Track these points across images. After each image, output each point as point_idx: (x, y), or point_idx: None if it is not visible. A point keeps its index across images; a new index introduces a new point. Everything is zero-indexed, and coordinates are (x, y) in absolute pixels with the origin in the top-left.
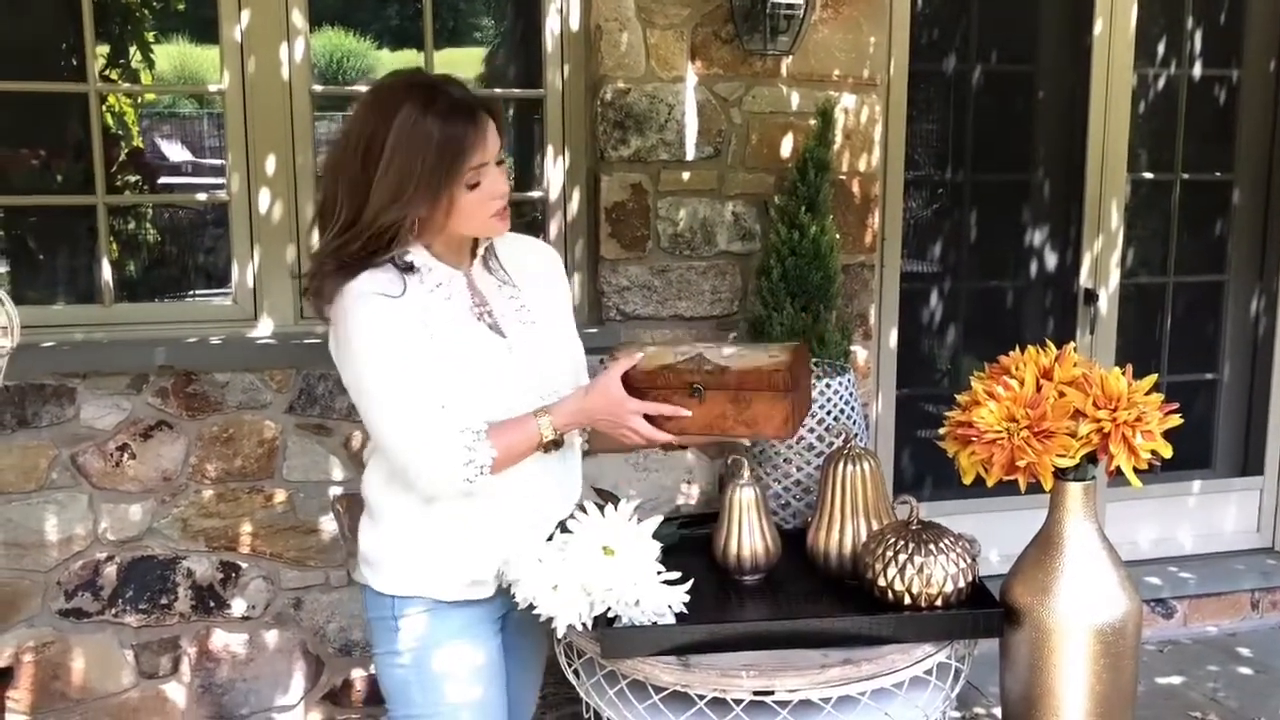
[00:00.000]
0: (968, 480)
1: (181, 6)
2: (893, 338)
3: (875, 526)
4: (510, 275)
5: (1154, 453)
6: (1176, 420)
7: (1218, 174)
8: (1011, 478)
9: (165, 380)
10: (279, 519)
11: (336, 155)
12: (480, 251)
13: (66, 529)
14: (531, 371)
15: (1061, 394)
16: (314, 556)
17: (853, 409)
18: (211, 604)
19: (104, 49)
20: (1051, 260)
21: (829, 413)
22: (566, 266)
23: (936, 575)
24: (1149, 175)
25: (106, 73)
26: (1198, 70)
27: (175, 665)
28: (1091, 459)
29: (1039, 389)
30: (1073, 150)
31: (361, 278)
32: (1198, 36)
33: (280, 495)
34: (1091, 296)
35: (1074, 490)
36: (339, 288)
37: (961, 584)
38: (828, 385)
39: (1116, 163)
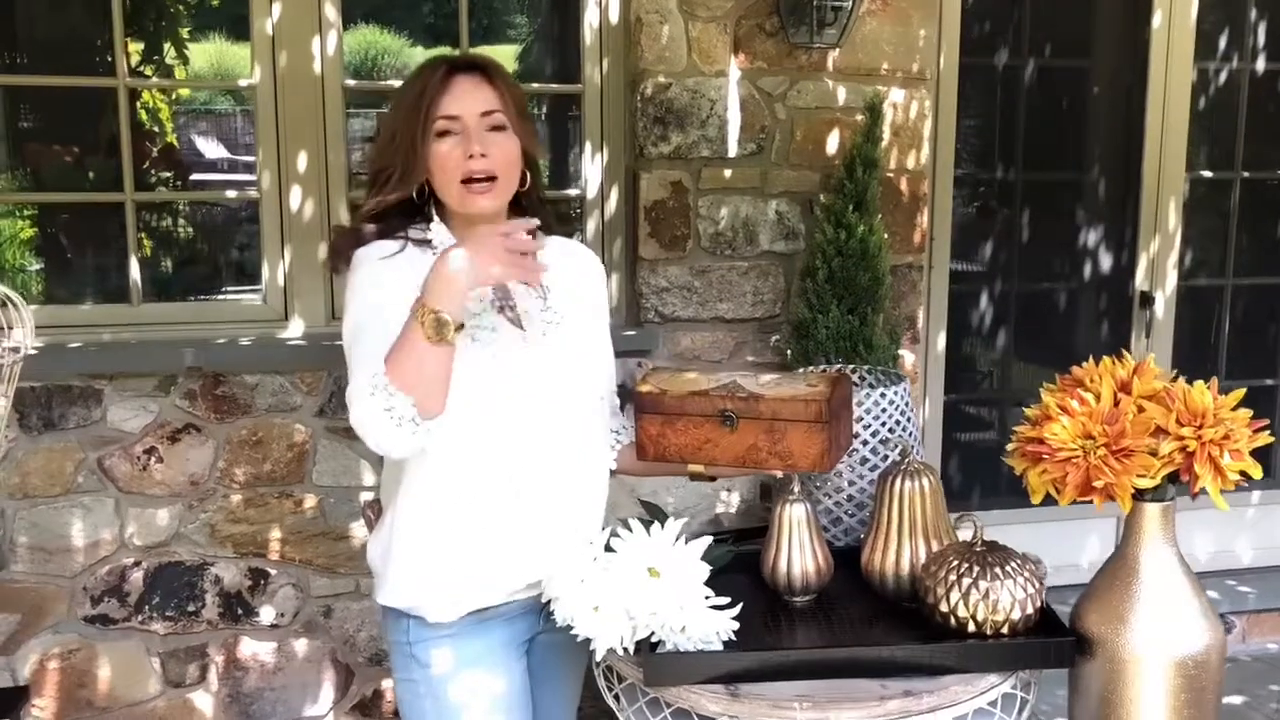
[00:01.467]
0: (1036, 500)
1: (217, 3)
2: (941, 341)
3: (935, 547)
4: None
5: (1242, 473)
6: (1267, 438)
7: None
8: (1086, 499)
9: (193, 382)
10: (309, 525)
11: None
12: None
13: (93, 534)
14: (552, 370)
15: (1141, 409)
16: (344, 563)
17: (908, 420)
18: (239, 611)
19: (138, 46)
20: (1106, 262)
21: (883, 424)
22: (604, 266)
23: (1003, 601)
24: (1207, 174)
25: (141, 69)
26: (1260, 64)
27: (203, 674)
28: (1171, 478)
29: (1116, 403)
30: (1129, 148)
31: (373, 245)
32: (1261, 29)
33: (310, 500)
34: (1148, 299)
35: (1152, 512)
36: (352, 249)
37: (1030, 610)
38: (882, 395)
39: (1175, 160)
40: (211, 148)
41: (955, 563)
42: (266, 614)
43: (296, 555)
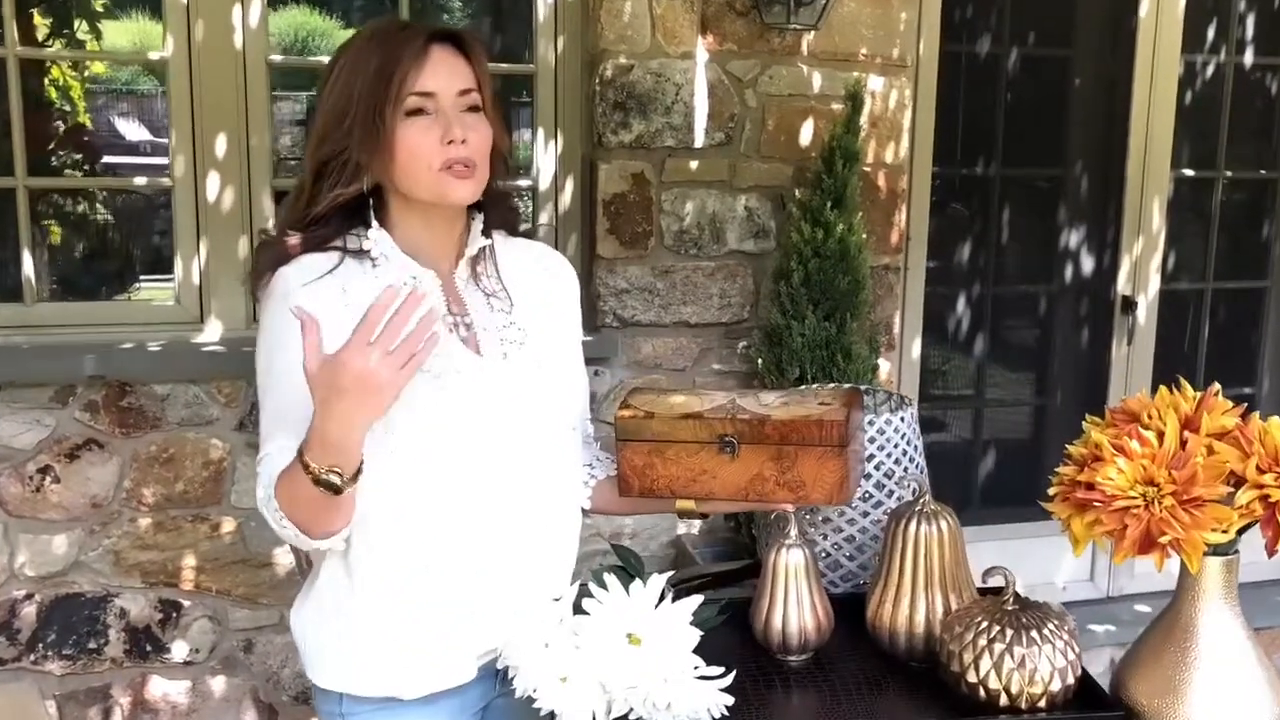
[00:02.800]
0: (1078, 554)
1: None
2: (916, 348)
3: (954, 601)
4: (506, 287)
5: None
6: None
7: (1262, 171)
8: (1145, 556)
9: (95, 392)
10: (226, 551)
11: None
12: (468, 253)
13: None
14: (514, 398)
15: (1211, 450)
16: (267, 593)
17: (915, 450)
18: (148, 648)
19: (47, 20)
20: (1087, 264)
21: (889, 454)
22: None
23: (1042, 669)
24: (1190, 172)
25: (49, 44)
26: (1249, 57)
27: (106, 718)
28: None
29: (1183, 444)
30: (1112, 144)
31: (297, 264)
32: (1250, 20)
33: (228, 524)
34: (1130, 304)
35: (1213, 567)
36: (273, 268)
37: (1070, 679)
38: (887, 422)
39: (1160, 158)
40: (134, 130)
41: (984, 624)
42: (179, 650)
43: (213, 585)
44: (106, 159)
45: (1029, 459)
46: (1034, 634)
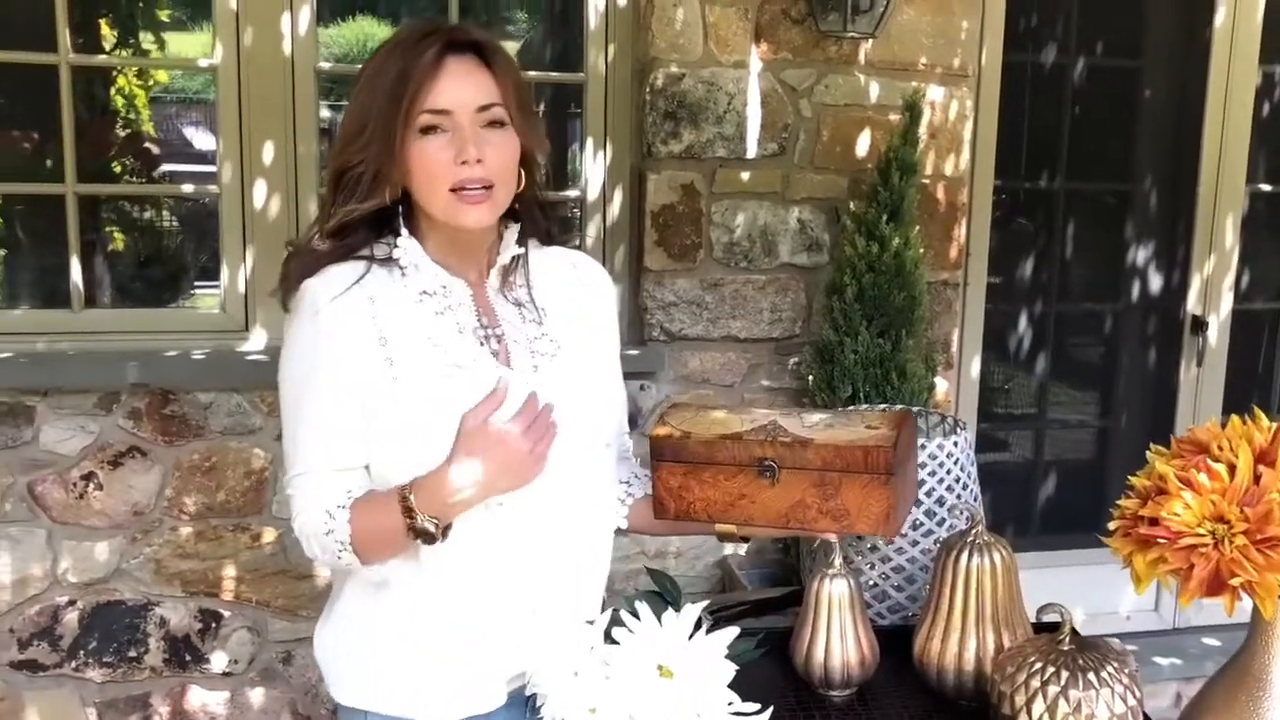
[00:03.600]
0: (1140, 592)
1: None
2: (975, 366)
3: (1006, 638)
4: (536, 296)
5: None
6: None
7: None
8: (1214, 598)
9: (139, 400)
10: (267, 562)
11: None
12: (499, 261)
13: (21, 569)
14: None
15: None
16: (307, 605)
17: (969, 477)
18: (188, 657)
19: (113, 30)
20: (1155, 281)
21: (941, 481)
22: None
23: (1099, 715)
24: (1266, 188)
25: (115, 52)
26: None
27: None
28: None
29: (1256, 478)
30: (1183, 157)
31: (322, 276)
32: None
33: (270, 535)
34: (1200, 324)
35: None
36: (299, 281)
37: None
38: (940, 447)
39: (1234, 173)
40: (201, 138)
41: (1038, 664)
42: (218, 660)
43: (253, 595)
44: (169, 166)
45: (1092, 483)
46: (1092, 676)
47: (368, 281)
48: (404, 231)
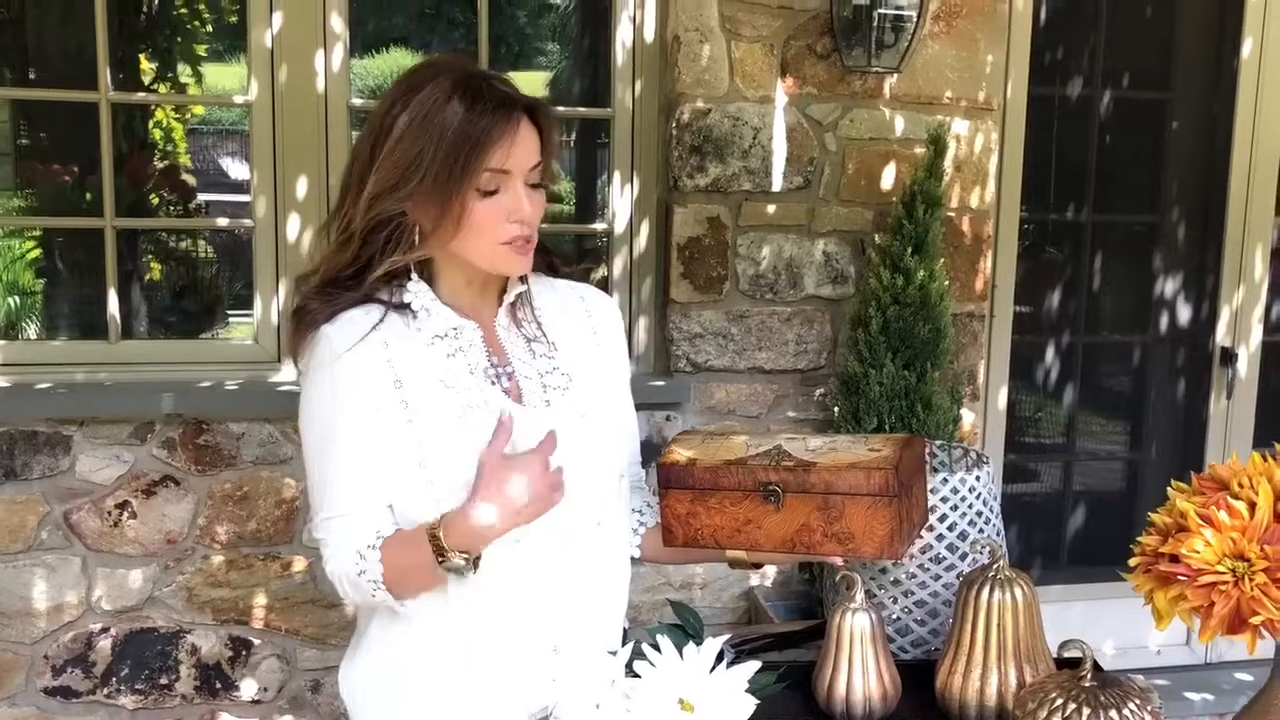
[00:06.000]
0: (1161, 628)
1: (235, 19)
2: (1002, 398)
3: (1028, 673)
4: (546, 330)
5: None
6: None
7: None
8: (1235, 636)
9: (173, 430)
10: (297, 590)
11: (354, 149)
12: (509, 299)
13: (56, 596)
14: (559, 446)
15: None
16: (336, 634)
17: (992, 511)
18: (218, 684)
19: (152, 64)
20: (1184, 313)
21: (963, 515)
22: (632, 308)
23: None
24: None
25: (154, 87)
26: None
27: None
28: None
29: (1277, 516)
30: (1211, 188)
31: (337, 323)
32: None
33: (300, 564)
34: (1229, 356)
35: None
36: (315, 328)
37: None
38: (961, 481)
39: (1263, 204)
40: (237, 169)
41: (1060, 700)
42: (248, 688)
43: (283, 624)
44: (205, 196)
45: (1121, 515)
46: (1114, 713)
47: (382, 327)
48: (414, 276)
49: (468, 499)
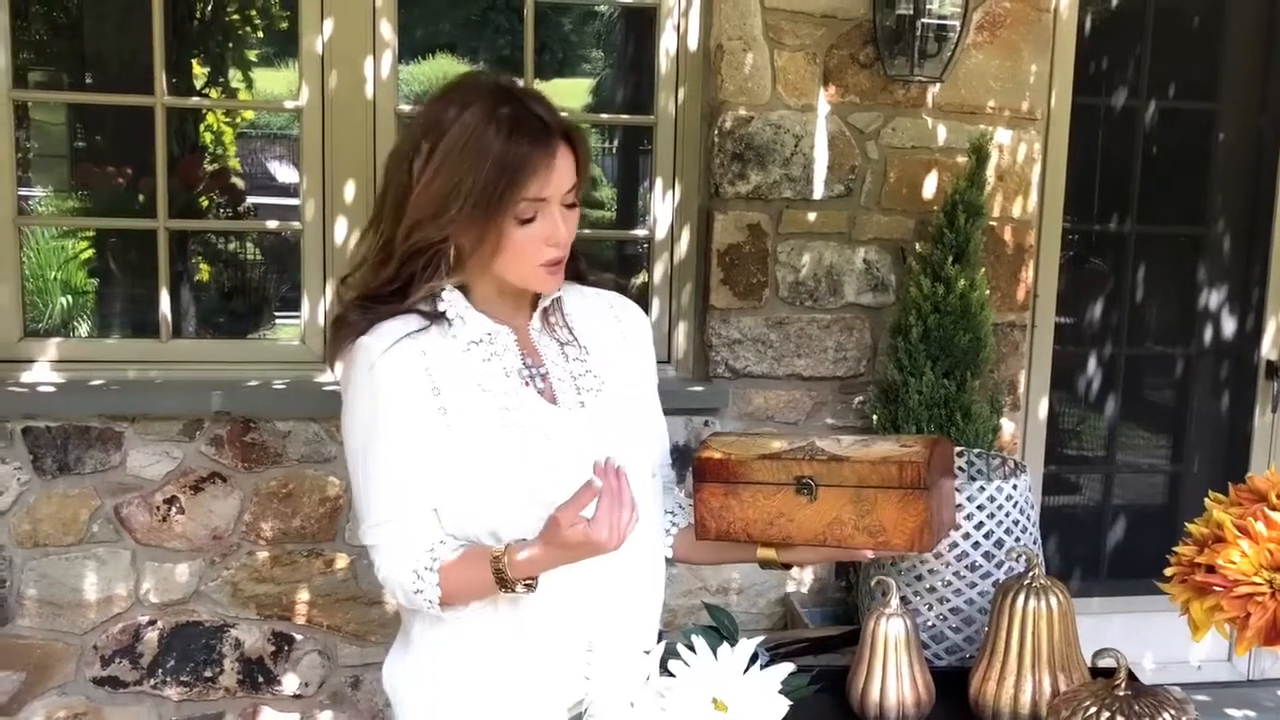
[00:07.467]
0: (1197, 639)
1: (285, 25)
2: (1043, 408)
3: (1062, 681)
4: (577, 335)
5: None
6: None
7: None
8: (1273, 648)
9: (221, 427)
10: (339, 587)
11: (390, 162)
12: (542, 304)
13: (106, 588)
14: (593, 447)
15: None
16: (376, 631)
17: (1029, 520)
18: (260, 679)
19: (204, 69)
20: (1228, 326)
21: (999, 523)
22: (672, 314)
23: None
24: None
25: (205, 91)
26: None
27: None
28: None
29: None
30: (1259, 200)
31: (376, 332)
32: None
33: (342, 561)
34: (1275, 370)
35: None
36: (353, 339)
37: None
38: (998, 489)
39: None
40: (285, 173)
41: (1093, 709)
42: (289, 682)
43: (325, 620)
44: (254, 199)
45: (1163, 528)
46: None
47: (419, 336)
48: (447, 285)
49: (538, 540)
